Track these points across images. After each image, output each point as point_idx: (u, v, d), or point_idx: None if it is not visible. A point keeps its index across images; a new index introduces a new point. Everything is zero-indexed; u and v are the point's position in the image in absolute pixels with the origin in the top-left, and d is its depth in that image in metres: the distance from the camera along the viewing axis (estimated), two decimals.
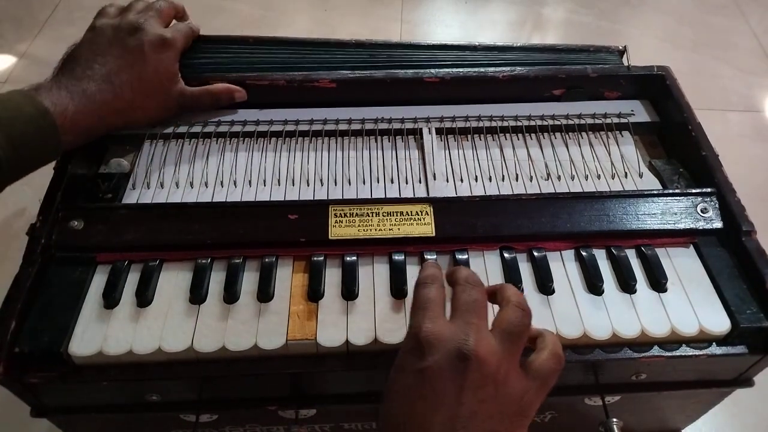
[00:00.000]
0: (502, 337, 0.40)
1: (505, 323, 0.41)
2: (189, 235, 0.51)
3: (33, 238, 0.51)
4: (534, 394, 0.39)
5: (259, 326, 0.47)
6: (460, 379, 0.37)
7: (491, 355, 0.38)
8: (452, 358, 0.38)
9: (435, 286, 0.43)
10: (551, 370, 0.40)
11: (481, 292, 0.42)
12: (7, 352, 0.45)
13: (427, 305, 0.41)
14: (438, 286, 0.43)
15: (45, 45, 1.11)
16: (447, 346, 0.38)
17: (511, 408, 0.38)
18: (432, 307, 0.41)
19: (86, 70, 0.54)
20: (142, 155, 0.60)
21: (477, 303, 0.41)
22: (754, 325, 0.48)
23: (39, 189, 0.54)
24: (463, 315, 0.40)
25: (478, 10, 1.22)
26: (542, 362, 0.40)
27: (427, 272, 0.45)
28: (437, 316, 0.41)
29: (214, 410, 0.53)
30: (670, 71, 0.65)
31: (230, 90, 0.62)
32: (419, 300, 0.42)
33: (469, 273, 0.44)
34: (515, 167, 0.59)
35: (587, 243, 0.53)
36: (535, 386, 0.39)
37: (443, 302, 0.43)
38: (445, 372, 0.37)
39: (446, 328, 0.40)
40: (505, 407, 0.38)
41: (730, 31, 1.18)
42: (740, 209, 0.53)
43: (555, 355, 0.41)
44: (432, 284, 0.43)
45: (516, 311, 0.41)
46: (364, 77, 0.63)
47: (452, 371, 0.37)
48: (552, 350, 0.41)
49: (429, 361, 0.38)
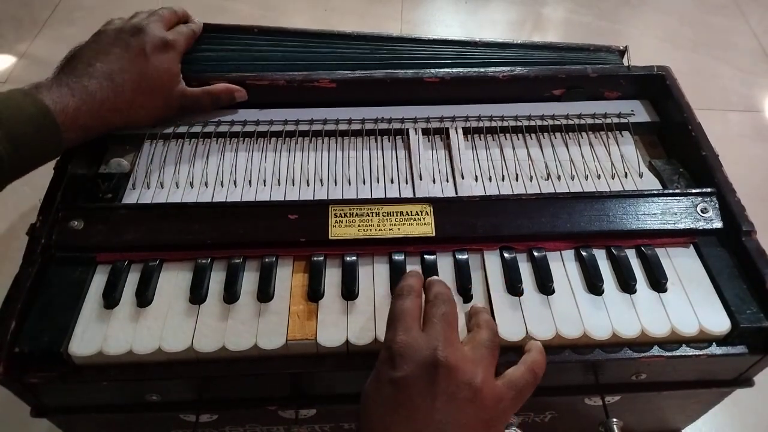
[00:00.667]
0: (475, 348, 0.42)
1: (478, 336, 0.43)
2: (189, 235, 0.51)
3: (33, 238, 0.51)
4: (508, 405, 0.40)
5: (259, 326, 0.47)
6: (433, 387, 0.38)
7: (463, 363, 0.40)
8: (425, 367, 0.39)
9: (410, 297, 0.44)
10: (526, 383, 0.42)
11: (453, 306, 0.44)
12: (7, 352, 0.45)
13: (400, 317, 0.43)
14: (414, 297, 0.44)
15: (45, 45, 1.11)
16: (419, 356, 0.40)
17: (485, 415, 0.39)
18: (405, 319, 0.42)
19: (88, 67, 0.54)
20: (142, 155, 0.60)
21: (448, 315, 0.43)
22: (754, 325, 0.47)
23: (39, 189, 0.54)
24: (435, 325, 0.42)
25: (478, 10, 1.22)
26: (519, 375, 0.42)
27: (404, 283, 0.46)
28: (410, 328, 0.42)
29: (214, 410, 0.53)
30: (670, 71, 0.65)
31: (230, 90, 0.62)
32: (393, 311, 0.44)
33: (441, 288, 0.46)
34: (515, 167, 0.59)
35: (587, 243, 0.53)
36: (510, 396, 0.41)
37: (418, 313, 0.44)
38: (419, 381, 0.39)
39: (419, 338, 0.41)
40: (480, 414, 0.39)
41: (730, 31, 1.18)
42: (740, 209, 0.53)
43: (531, 371, 0.42)
44: (408, 295, 0.44)
45: (486, 330, 0.44)
46: (364, 77, 0.63)
47: (425, 379, 0.39)
48: (529, 367, 0.43)
49: (402, 371, 0.39)
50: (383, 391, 0.39)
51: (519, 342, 0.47)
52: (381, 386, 0.40)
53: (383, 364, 0.41)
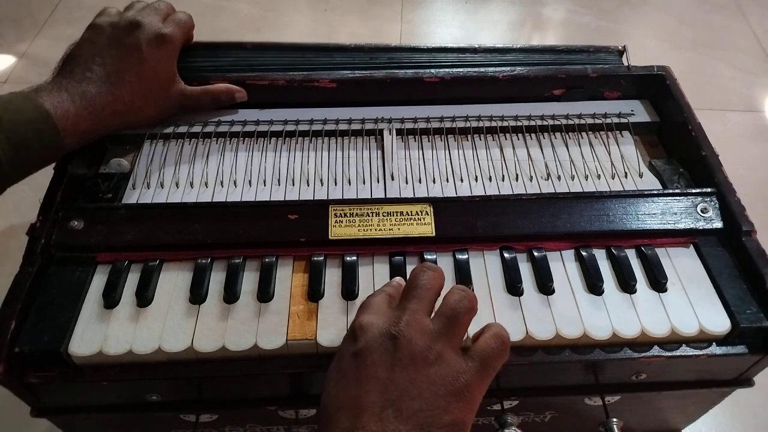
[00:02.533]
0: (439, 319, 0.41)
1: (444, 305, 0.42)
2: (189, 235, 0.51)
3: (33, 238, 0.51)
4: (473, 377, 0.38)
5: (259, 326, 0.47)
6: (389, 358, 0.38)
7: (421, 335, 0.39)
8: (383, 338, 0.39)
9: (382, 294, 0.44)
10: (492, 350, 0.40)
11: (434, 278, 0.43)
12: (7, 352, 0.45)
13: (369, 305, 0.43)
14: (384, 295, 0.44)
15: (45, 45, 1.11)
16: (378, 328, 0.40)
17: (444, 388, 0.37)
18: (372, 308, 0.43)
19: (86, 71, 0.54)
20: (142, 155, 0.60)
21: (422, 288, 0.42)
22: (754, 325, 0.48)
23: (39, 189, 0.54)
24: (403, 301, 0.42)
25: (478, 10, 1.22)
26: (482, 342, 0.40)
27: (382, 287, 0.46)
28: (377, 311, 0.42)
29: (214, 410, 0.53)
30: (670, 71, 0.65)
31: (230, 90, 0.62)
32: (363, 303, 0.44)
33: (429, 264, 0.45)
34: (515, 167, 0.59)
35: (587, 243, 0.53)
36: (474, 367, 0.39)
37: (388, 305, 0.43)
38: (375, 351, 0.39)
39: (381, 315, 0.41)
40: (437, 386, 0.37)
41: (730, 31, 1.18)
42: (740, 209, 0.53)
43: (496, 336, 0.41)
44: (380, 293, 0.45)
45: (457, 293, 0.42)
46: (364, 77, 0.63)
47: (382, 350, 0.39)
48: (494, 332, 0.41)
49: (361, 343, 0.39)
50: (344, 366, 0.40)
51: (519, 342, 0.47)
52: (342, 362, 0.40)
53: (345, 342, 0.42)
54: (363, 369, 0.38)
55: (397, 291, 0.45)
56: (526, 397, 0.54)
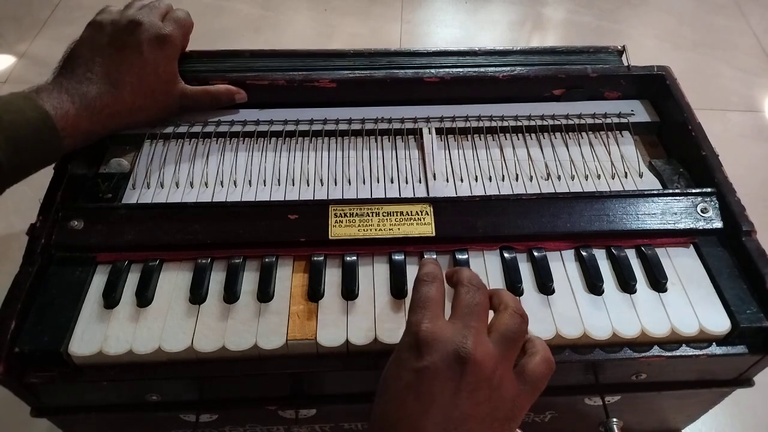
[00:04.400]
0: (498, 342, 0.40)
1: (503, 327, 0.41)
2: (189, 235, 0.51)
3: (33, 238, 0.51)
4: (525, 399, 0.39)
5: (259, 326, 0.47)
6: (456, 381, 0.37)
7: (488, 359, 0.38)
8: (450, 360, 0.38)
9: (435, 284, 0.43)
10: (543, 375, 0.41)
11: (483, 295, 0.42)
12: (7, 352, 0.45)
13: (427, 304, 0.41)
14: (438, 284, 0.43)
15: (45, 45, 1.11)
16: (446, 348, 0.38)
17: (503, 412, 0.38)
18: (432, 306, 0.41)
19: (86, 72, 0.54)
20: (142, 155, 0.60)
21: (478, 306, 0.41)
22: (754, 325, 0.48)
23: (39, 189, 0.54)
24: (464, 317, 0.40)
25: (478, 10, 1.22)
26: (534, 367, 0.41)
27: (428, 269, 0.44)
28: (437, 316, 0.40)
29: (214, 410, 0.53)
30: (670, 71, 0.65)
31: (230, 91, 0.62)
32: (419, 298, 0.42)
33: (473, 274, 0.44)
34: (515, 167, 0.59)
35: (587, 243, 0.53)
36: (527, 390, 0.40)
37: (443, 301, 0.42)
38: (442, 373, 0.37)
39: (446, 329, 0.39)
40: (497, 411, 0.38)
41: (730, 31, 1.18)
42: (740, 209, 0.53)
43: (546, 360, 0.41)
44: (432, 282, 0.43)
45: (514, 317, 0.41)
46: (364, 77, 0.63)
47: (449, 373, 0.37)
48: (543, 355, 0.41)
49: (427, 361, 0.38)
50: (405, 379, 0.38)
51: None
52: (403, 373, 0.39)
53: (407, 351, 0.39)
54: (427, 388, 0.37)
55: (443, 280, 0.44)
56: None
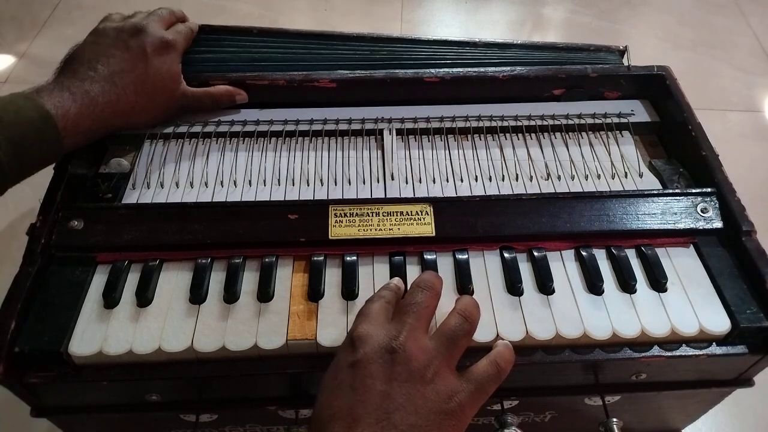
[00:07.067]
0: (436, 338, 0.42)
1: (443, 326, 0.43)
2: (189, 235, 0.51)
3: (33, 238, 0.51)
4: (466, 397, 0.40)
5: (259, 326, 0.47)
6: (387, 370, 0.39)
7: (420, 352, 0.40)
8: (381, 350, 0.40)
9: (381, 301, 0.45)
10: (488, 376, 0.41)
11: (429, 296, 0.44)
12: (7, 352, 0.45)
13: (368, 314, 0.43)
14: (383, 302, 0.45)
15: (45, 45, 1.11)
16: (378, 340, 0.40)
17: (438, 406, 0.39)
18: (371, 315, 0.43)
19: (89, 71, 0.54)
20: (142, 155, 0.60)
21: (418, 305, 0.43)
22: (754, 325, 0.47)
23: (39, 189, 0.54)
24: (401, 315, 0.43)
25: (478, 10, 1.22)
26: (479, 368, 0.42)
27: (380, 291, 0.46)
28: (376, 320, 0.42)
29: (214, 410, 0.53)
30: (670, 71, 0.65)
31: (231, 93, 0.62)
32: (362, 310, 0.44)
33: (430, 277, 0.46)
34: (515, 167, 0.59)
35: (587, 243, 0.53)
36: (469, 389, 0.40)
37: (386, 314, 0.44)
38: (374, 362, 0.39)
39: (381, 328, 0.42)
40: (432, 404, 0.39)
41: (730, 31, 1.18)
42: (740, 209, 0.53)
43: (493, 363, 0.42)
44: (378, 300, 0.45)
45: (456, 317, 0.43)
46: (364, 77, 0.63)
47: (380, 362, 0.39)
48: (493, 359, 0.42)
49: (359, 354, 0.40)
50: (340, 376, 0.40)
51: (519, 342, 0.47)
52: (338, 372, 0.40)
53: (342, 351, 0.42)
54: (360, 380, 0.39)
55: (396, 295, 0.46)
56: (527, 397, 0.54)
